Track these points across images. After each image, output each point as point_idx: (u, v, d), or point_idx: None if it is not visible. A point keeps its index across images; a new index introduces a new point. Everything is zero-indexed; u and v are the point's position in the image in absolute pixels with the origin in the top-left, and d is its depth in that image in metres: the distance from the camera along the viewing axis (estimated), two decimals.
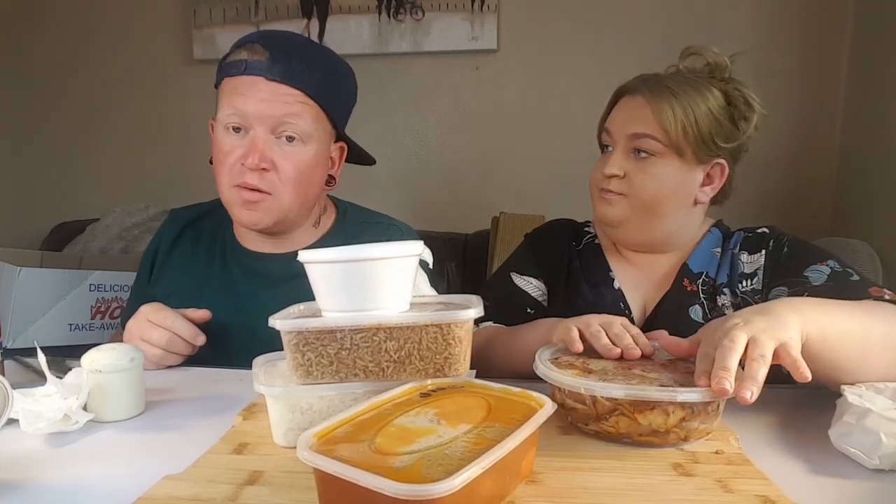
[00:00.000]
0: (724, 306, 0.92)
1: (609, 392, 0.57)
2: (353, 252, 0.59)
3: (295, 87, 0.90)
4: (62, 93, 2.18)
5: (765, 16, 1.84)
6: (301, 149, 0.92)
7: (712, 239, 0.98)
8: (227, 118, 0.90)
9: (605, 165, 0.92)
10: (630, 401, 0.57)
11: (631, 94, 0.93)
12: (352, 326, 0.58)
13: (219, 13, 2.03)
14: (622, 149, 0.92)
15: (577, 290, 1.00)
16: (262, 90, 0.88)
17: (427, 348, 0.59)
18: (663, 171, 0.90)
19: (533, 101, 1.97)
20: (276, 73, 0.89)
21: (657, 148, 0.89)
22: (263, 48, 0.90)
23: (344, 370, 0.59)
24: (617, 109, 0.95)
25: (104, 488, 0.52)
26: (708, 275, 0.94)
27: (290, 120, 0.90)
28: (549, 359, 0.68)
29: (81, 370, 0.67)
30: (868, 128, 1.73)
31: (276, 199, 0.92)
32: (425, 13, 1.95)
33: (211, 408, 0.72)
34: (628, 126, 0.91)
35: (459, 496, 0.40)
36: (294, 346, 0.59)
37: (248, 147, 0.90)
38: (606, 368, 0.64)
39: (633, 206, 0.92)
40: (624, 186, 0.91)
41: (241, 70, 0.90)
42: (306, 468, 0.44)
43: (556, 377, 0.62)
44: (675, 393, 0.56)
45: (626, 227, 0.94)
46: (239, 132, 0.91)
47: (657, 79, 0.92)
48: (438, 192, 2.06)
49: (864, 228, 1.67)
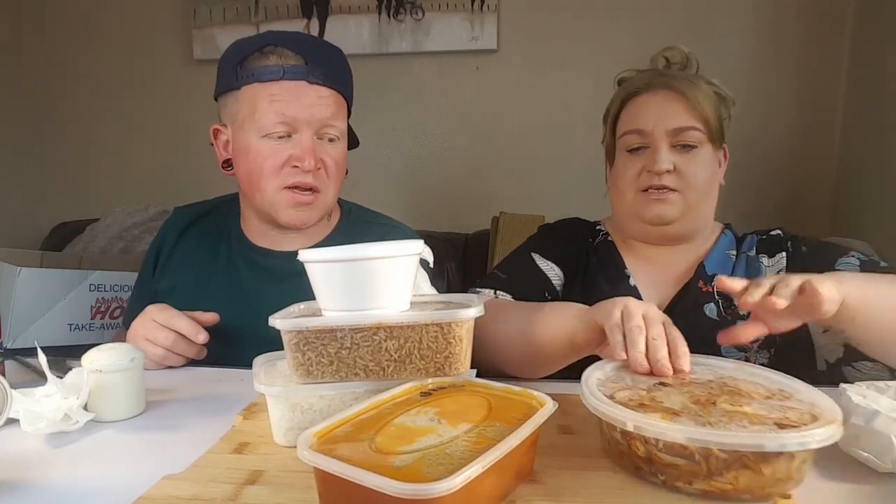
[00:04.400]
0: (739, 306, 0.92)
1: (736, 442, 0.46)
2: (354, 251, 0.59)
3: (332, 88, 0.94)
4: (62, 93, 2.18)
5: (765, 16, 1.84)
6: (339, 145, 0.98)
7: (726, 241, 0.99)
8: (273, 127, 0.91)
9: (655, 162, 0.90)
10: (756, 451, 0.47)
11: (651, 91, 0.93)
12: (352, 326, 0.58)
13: (219, 13, 2.03)
14: (666, 145, 0.90)
15: (595, 286, 0.99)
16: (308, 94, 0.91)
17: (427, 347, 0.59)
18: (706, 159, 0.91)
19: (533, 101, 1.97)
20: (317, 75, 0.92)
21: (700, 138, 0.90)
22: (294, 53, 0.92)
23: (344, 369, 0.59)
24: (639, 109, 0.94)
25: (104, 488, 0.52)
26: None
27: (333, 123, 0.94)
28: (604, 391, 0.57)
29: (82, 370, 0.67)
30: (868, 128, 1.73)
31: (324, 196, 0.97)
32: (425, 13, 1.95)
33: (211, 407, 0.72)
34: (666, 122, 0.90)
35: (460, 495, 0.39)
36: (294, 346, 0.59)
37: (301, 150, 0.92)
38: (687, 405, 0.54)
39: (687, 199, 0.91)
40: (677, 181, 0.90)
41: (278, 75, 0.90)
42: (307, 468, 0.44)
43: (651, 427, 0.49)
44: (810, 435, 0.47)
45: (679, 222, 0.93)
46: (282, 138, 0.92)
47: (666, 73, 0.93)
48: (438, 192, 2.06)
49: (864, 228, 1.67)
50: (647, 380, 0.60)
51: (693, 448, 0.48)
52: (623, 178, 0.95)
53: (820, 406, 0.53)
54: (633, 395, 0.56)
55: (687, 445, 0.48)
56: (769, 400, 0.55)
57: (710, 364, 0.66)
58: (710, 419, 0.50)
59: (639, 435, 0.50)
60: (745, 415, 0.51)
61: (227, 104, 0.96)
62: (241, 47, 0.94)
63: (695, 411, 0.52)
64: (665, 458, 0.49)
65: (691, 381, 0.60)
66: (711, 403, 0.54)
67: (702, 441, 0.47)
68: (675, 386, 0.58)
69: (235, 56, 0.93)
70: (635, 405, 0.53)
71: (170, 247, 1.07)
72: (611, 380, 0.61)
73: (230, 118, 0.96)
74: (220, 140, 1.00)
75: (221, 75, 0.96)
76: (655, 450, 0.50)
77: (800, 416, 0.51)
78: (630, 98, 0.95)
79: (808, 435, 0.47)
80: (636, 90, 0.94)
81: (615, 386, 0.59)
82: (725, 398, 0.55)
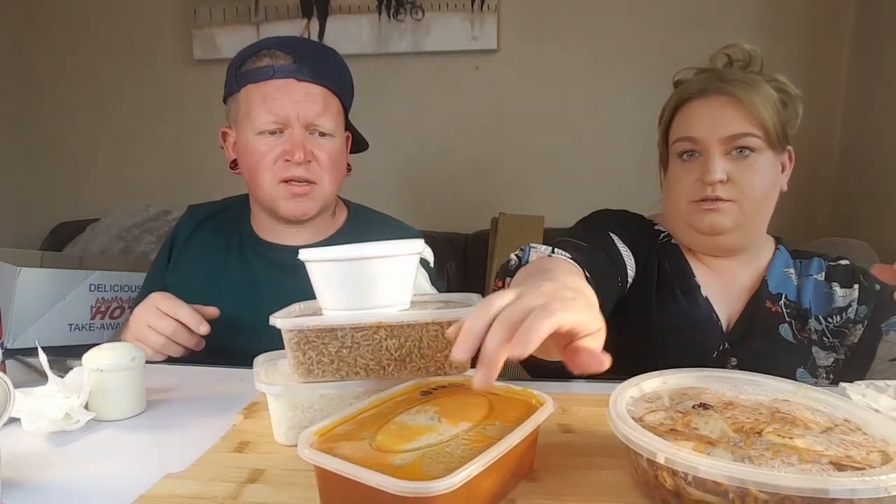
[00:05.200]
0: (812, 331, 0.91)
1: (790, 485, 0.39)
2: (354, 251, 0.59)
3: (322, 85, 0.98)
4: (62, 93, 2.18)
5: (765, 16, 1.84)
6: (332, 141, 1.00)
7: (782, 258, 0.97)
8: (265, 124, 0.96)
9: (707, 172, 0.85)
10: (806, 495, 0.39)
11: (706, 96, 0.88)
12: (352, 325, 0.58)
13: (219, 13, 2.03)
14: (720, 152, 0.86)
15: (672, 295, 0.93)
16: (295, 91, 0.95)
17: (428, 346, 0.59)
18: (764, 166, 0.87)
19: (533, 100, 1.97)
20: (306, 73, 0.96)
21: (758, 144, 0.86)
22: (285, 53, 0.97)
23: (345, 368, 0.59)
24: (692, 115, 0.89)
25: (105, 487, 0.53)
26: (788, 297, 0.93)
27: (321, 119, 0.98)
28: (634, 412, 0.52)
29: (83, 369, 0.67)
30: (868, 128, 1.73)
31: (320, 188, 1.00)
32: (425, 13, 1.95)
33: (212, 406, 0.72)
34: (722, 129, 0.86)
35: (460, 494, 0.40)
36: (295, 345, 0.59)
37: (291, 144, 0.96)
38: (727, 433, 0.48)
39: (743, 209, 0.87)
40: (732, 191, 0.86)
41: (269, 75, 0.96)
42: (307, 466, 0.45)
43: (682, 460, 0.42)
44: (882, 481, 0.39)
45: (734, 233, 0.89)
46: (274, 134, 0.97)
47: (723, 74, 0.89)
48: (438, 192, 2.06)
49: (864, 228, 1.67)
50: (686, 401, 0.54)
51: (727, 486, 0.41)
52: (676, 187, 0.90)
53: (893, 442, 0.46)
54: (667, 417, 0.51)
55: (721, 482, 0.41)
56: (828, 432, 0.48)
57: (765, 384, 0.58)
58: (749, 452, 0.44)
59: (666, 465, 0.43)
60: (794, 449, 0.45)
61: (231, 107, 1.02)
62: (241, 53, 1.01)
63: (734, 441, 0.46)
64: (695, 494, 0.43)
65: (737, 404, 0.54)
66: (756, 433, 0.47)
67: (739, 479, 0.40)
68: (718, 409, 0.52)
69: (236, 62, 1.00)
70: (666, 430, 0.48)
71: (183, 241, 1.11)
72: (646, 398, 0.55)
73: (233, 119, 1.02)
74: (228, 142, 1.05)
75: (226, 82, 1.03)
76: (684, 483, 0.44)
77: (865, 454, 0.44)
78: (683, 103, 0.91)
79: (881, 480, 0.39)
80: (689, 95, 0.90)
81: (648, 406, 0.53)
82: (774, 427, 0.48)
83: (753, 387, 0.57)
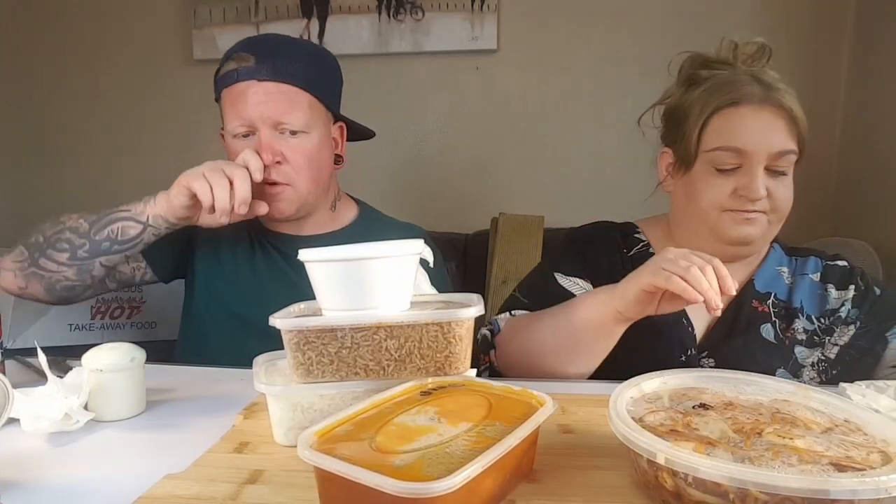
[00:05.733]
0: (798, 330, 0.90)
1: (792, 485, 0.39)
2: (353, 251, 0.60)
3: (284, 82, 0.96)
4: (62, 93, 2.18)
5: (765, 16, 1.84)
6: (305, 138, 0.99)
7: (776, 256, 0.96)
8: (235, 129, 0.97)
9: (751, 190, 0.82)
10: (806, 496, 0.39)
11: (754, 104, 0.83)
12: (352, 325, 0.58)
13: (219, 13, 2.03)
14: (762, 167, 0.83)
15: None
16: (256, 92, 0.95)
17: (428, 347, 0.59)
18: (791, 178, 0.86)
19: (533, 101, 1.97)
20: (265, 72, 0.95)
21: (793, 161, 0.85)
22: (249, 54, 0.96)
23: (344, 369, 0.59)
24: (740, 124, 0.83)
25: (105, 487, 0.52)
26: (777, 297, 0.92)
27: (288, 117, 0.96)
28: (634, 412, 0.52)
29: (82, 370, 0.67)
30: (868, 128, 1.73)
31: (295, 189, 0.99)
32: (425, 13, 1.95)
33: (211, 407, 0.72)
34: (773, 144, 0.82)
35: (460, 494, 0.40)
36: (295, 345, 0.59)
37: (257, 147, 0.96)
38: (727, 434, 0.48)
39: (771, 220, 0.86)
40: (766, 205, 0.84)
41: (233, 79, 0.96)
42: (307, 467, 0.45)
43: (682, 461, 0.42)
44: (882, 482, 0.39)
45: (756, 243, 0.89)
46: (247, 137, 0.98)
47: (762, 78, 0.85)
48: (438, 192, 2.06)
49: (864, 228, 1.67)
50: (686, 402, 0.55)
51: (727, 487, 0.41)
52: (708, 197, 0.86)
53: (894, 443, 0.46)
54: (666, 418, 0.51)
55: (721, 483, 0.41)
56: (829, 433, 0.48)
57: (765, 384, 0.58)
58: (750, 453, 0.44)
59: (666, 466, 0.44)
60: (794, 450, 0.45)
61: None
62: (221, 60, 1.01)
63: (734, 442, 0.47)
64: (695, 495, 0.43)
65: (738, 404, 0.54)
66: (756, 433, 0.48)
67: (739, 480, 0.40)
68: (718, 409, 0.52)
69: (217, 69, 1.01)
70: (666, 431, 0.48)
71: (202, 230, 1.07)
72: (646, 398, 0.56)
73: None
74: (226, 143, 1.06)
75: (214, 87, 1.03)
76: (684, 484, 0.44)
77: (866, 455, 0.44)
78: (725, 107, 0.85)
79: (881, 481, 0.38)
80: (736, 100, 0.84)
81: (648, 407, 0.53)
82: (775, 428, 0.48)
83: (753, 387, 0.57)
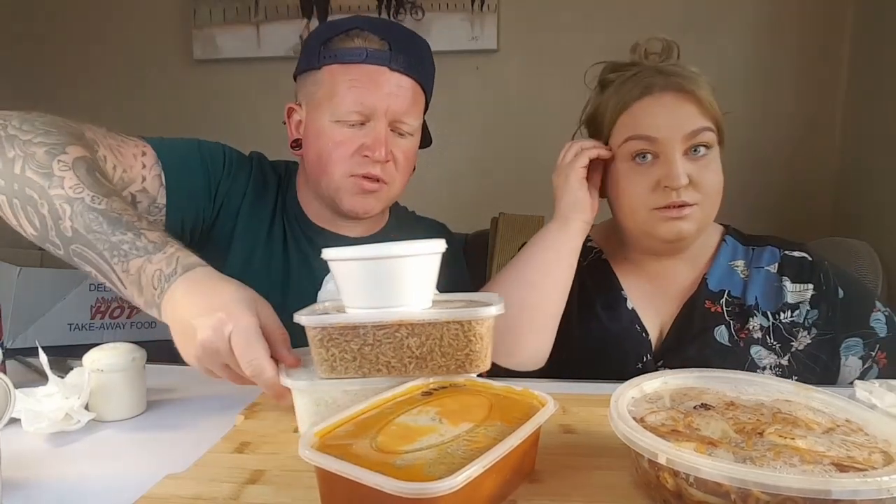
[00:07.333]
0: (754, 329, 0.87)
1: (793, 486, 0.39)
2: (377, 250, 0.60)
3: (413, 78, 0.91)
4: (62, 93, 2.18)
5: (765, 16, 1.84)
6: (411, 140, 0.95)
7: (728, 250, 0.92)
8: (348, 114, 0.88)
9: (671, 178, 0.79)
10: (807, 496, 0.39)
11: (654, 93, 0.83)
12: (374, 323, 0.58)
13: (219, 13, 2.03)
14: (679, 153, 0.81)
15: (592, 312, 0.92)
16: (387, 82, 0.88)
17: (448, 345, 0.59)
18: (717, 162, 0.83)
19: (533, 100, 1.97)
20: (400, 62, 0.89)
21: (712, 140, 0.82)
22: (379, 38, 0.89)
23: (367, 365, 0.59)
24: (645, 113, 0.83)
25: (106, 487, 0.52)
26: (731, 294, 0.89)
27: (408, 116, 0.91)
28: (635, 412, 0.51)
29: (83, 370, 0.67)
30: (868, 128, 1.73)
31: (390, 188, 0.94)
32: (425, 13, 1.95)
33: (212, 407, 0.72)
34: (683, 126, 0.81)
35: (461, 494, 0.40)
36: (318, 342, 0.59)
37: (373, 140, 0.89)
38: (728, 434, 0.48)
39: (704, 211, 0.83)
40: (693, 194, 0.81)
41: (361, 58, 0.88)
42: (308, 467, 0.45)
43: (684, 461, 0.42)
44: (884, 482, 0.39)
45: (696, 233, 0.85)
46: (353, 126, 0.90)
47: (662, 68, 0.85)
48: (438, 192, 2.06)
49: (864, 228, 1.67)
50: (688, 402, 0.54)
51: (729, 487, 0.41)
52: (631, 194, 0.84)
53: (895, 443, 0.46)
54: (668, 418, 0.51)
55: (722, 483, 0.41)
56: (830, 433, 0.48)
57: (767, 384, 0.58)
58: (751, 453, 0.44)
59: (668, 466, 0.44)
60: (795, 450, 0.44)
61: (306, 84, 0.93)
62: (327, 27, 0.93)
63: (736, 442, 0.46)
64: (696, 495, 0.43)
65: (739, 404, 0.54)
66: (758, 433, 0.47)
67: (740, 480, 0.40)
68: (719, 409, 0.52)
69: (321, 36, 0.92)
70: (667, 431, 0.48)
71: (238, 193, 0.96)
72: (647, 398, 0.55)
73: (306, 98, 0.94)
74: (293, 119, 0.97)
75: (304, 55, 0.95)
76: (686, 484, 0.44)
77: (867, 455, 0.44)
78: (629, 105, 0.85)
79: (883, 482, 0.38)
80: (636, 96, 0.84)
81: (649, 407, 0.53)
82: (776, 428, 0.48)
83: (755, 387, 0.57)
